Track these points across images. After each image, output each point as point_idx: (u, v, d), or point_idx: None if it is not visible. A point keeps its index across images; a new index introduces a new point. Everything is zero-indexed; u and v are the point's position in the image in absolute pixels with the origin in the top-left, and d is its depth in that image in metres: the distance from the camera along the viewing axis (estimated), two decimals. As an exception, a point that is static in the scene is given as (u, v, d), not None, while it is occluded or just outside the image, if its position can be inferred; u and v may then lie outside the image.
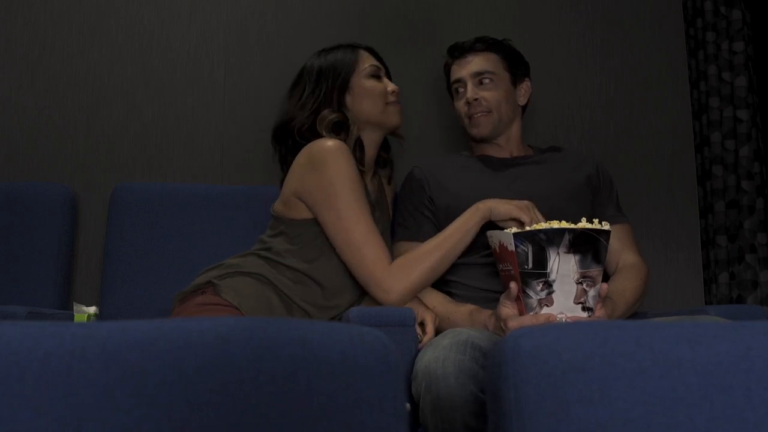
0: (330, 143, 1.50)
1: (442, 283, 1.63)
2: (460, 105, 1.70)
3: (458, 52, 1.72)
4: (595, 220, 1.28)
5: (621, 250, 1.62)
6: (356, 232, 1.48)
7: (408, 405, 1.17)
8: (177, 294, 1.49)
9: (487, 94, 1.67)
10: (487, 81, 1.68)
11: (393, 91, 1.63)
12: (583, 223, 1.25)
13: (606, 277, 1.63)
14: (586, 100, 2.21)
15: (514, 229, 1.26)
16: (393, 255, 1.59)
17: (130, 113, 2.06)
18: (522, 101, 1.75)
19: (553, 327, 0.70)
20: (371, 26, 2.14)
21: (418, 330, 1.38)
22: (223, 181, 2.06)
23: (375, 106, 1.60)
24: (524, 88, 1.75)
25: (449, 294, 1.58)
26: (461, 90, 1.70)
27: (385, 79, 1.65)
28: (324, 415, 0.57)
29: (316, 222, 1.52)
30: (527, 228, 1.26)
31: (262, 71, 2.11)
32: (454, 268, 1.61)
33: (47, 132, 2.02)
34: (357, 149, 1.57)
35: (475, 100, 1.66)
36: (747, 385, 0.65)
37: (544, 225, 1.25)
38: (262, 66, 2.11)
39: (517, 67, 1.74)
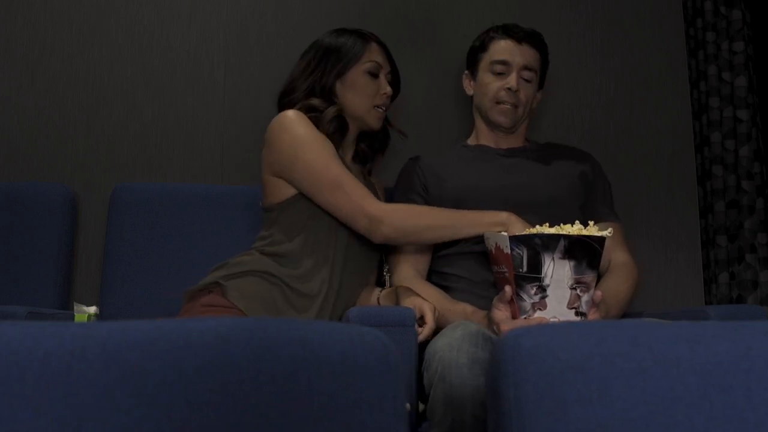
0: (285, 113, 1.54)
1: (437, 276, 1.64)
2: (497, 86, 1.69)
3: (515, 34, 1.72)
4: (591, 223, 1.28)
5: (612, 250, 1.62)
6: (330, 172, 1.49)
7: (408, 405, 1.17)
8: (185, 291, 1.49)
9: (524, 91, 1.69)
10: (528, 78, 1.70)
11: (384, 94, 1.63)
12: (578, 227, 1.25)
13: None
14: (586, 100, 2.21)
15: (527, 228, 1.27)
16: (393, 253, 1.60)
17: (130, 113, 2.06)
18: (533, 105, 1.78)
19: (553, 326, 0.70)
20: (371, 26, 2.12)
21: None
22: (223, 181, 2.05)
23: (361, 104, 1.61)
24: (539, 97, 1.79)
25: (445, 288, 1.58)
26: (503, 72, 1.69)
27: (382, 79, 1.64)
28: (324, 415, 0.57)
29: (302, 196, 1.52)
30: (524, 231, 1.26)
31: (262, 71, 2.10)
32: (447, 258, 1.62)
33: (47, 132, 2.02)
34: (334, 125, 1.57)
35: (516, 91, 1.66)
36: (747, 385, 0.65)
37: (539, 229, 1.26)
38: (262, 66, 2.11)
39: (545, 74, 1.79)
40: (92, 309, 1.71)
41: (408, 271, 1.59)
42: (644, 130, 2.21)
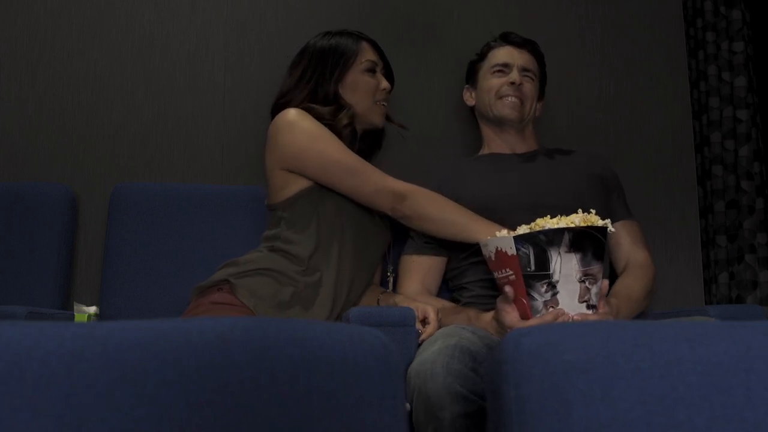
0: (286, 111, 1.55)
1: (452, 289, 1.64)
2: (499, 83, 1.73)
3: (514, 39, 1.78)
4: (593, 211, 1.27)
5: (631, 247, 1.63)
6: (347, 158, 1.51)
7: (408, 405, 1.17)
8: (195, 288, 1.49)
9: (527, 85, 1.73)
10: (529, 78, 1.74)
11: (384, 89, 1.65)
12: (581, 215, 1.24)
13: (614, 275, 1.63)
14: (586, 100, 2.21)
15: (512, 232, 1.26)
16: (401, 269, 1.61)
17: (130, 113, 2.06)
18: (536, 113, 1.81)
19: (555, 326, 0.70)
20: (371, 26, 2.13)
21: (419, 326, 1.37)
22: (223, 181, 2.05)
23: (363, 101, 1.63)
24: (539, 107, 1.82)
25: (458, 299, 1.58)
26: (503, 71, 1.74)
27: (379, 76, 1.66)
28: (324, 415, 0.57)
29: (308, 191, 1.52)
30: (525, 230, 1.25)
31: (262, 71, 2.10)
32: (461, 271, 1.61)
33: (47, 132, 2.02)
34: (348, 130, 1.59)
35: (520, 84, 1.70)
36: (747, 385, 0.65)
37: (540, 223, 1.25)
38: (262, 66, 2.11)
39: (544, 85, 1.83)
40: (92, 309, 1.71)
41: (415, 287, 1.59)
42: (644, 130, 2.21)
